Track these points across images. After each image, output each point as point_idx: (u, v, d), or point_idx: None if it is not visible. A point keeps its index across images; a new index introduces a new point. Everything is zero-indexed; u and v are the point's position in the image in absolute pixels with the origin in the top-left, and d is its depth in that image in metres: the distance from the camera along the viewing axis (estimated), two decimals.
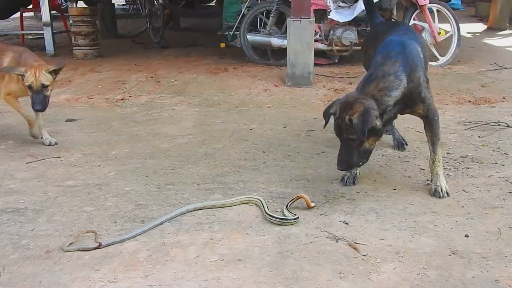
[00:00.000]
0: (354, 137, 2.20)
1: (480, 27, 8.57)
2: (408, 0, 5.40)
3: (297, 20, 4.66)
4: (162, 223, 2.14)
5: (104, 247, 1.96)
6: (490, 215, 2.15)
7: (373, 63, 2.34)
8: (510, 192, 2.37)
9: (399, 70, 2.24)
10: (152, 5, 7.83)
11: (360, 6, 5.21)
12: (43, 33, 6.92)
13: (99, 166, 2.90)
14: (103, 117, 3.97)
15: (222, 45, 7.20)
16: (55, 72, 3.10)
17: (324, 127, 2.41)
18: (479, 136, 3.19)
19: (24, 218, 2.26)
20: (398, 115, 2.43)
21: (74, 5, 7.34)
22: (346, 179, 2.53)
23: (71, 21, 6.81)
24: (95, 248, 1.95)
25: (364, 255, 1.83)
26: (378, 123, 2.18)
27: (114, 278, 1.76)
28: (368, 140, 2.22)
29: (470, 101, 4.09)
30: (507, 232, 2.00)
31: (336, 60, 5.79)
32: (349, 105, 2.20)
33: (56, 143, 3.27)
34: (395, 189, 2.45)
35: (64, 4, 10.04)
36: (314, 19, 4.80)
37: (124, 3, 12.53)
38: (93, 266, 1.84)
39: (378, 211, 2.21)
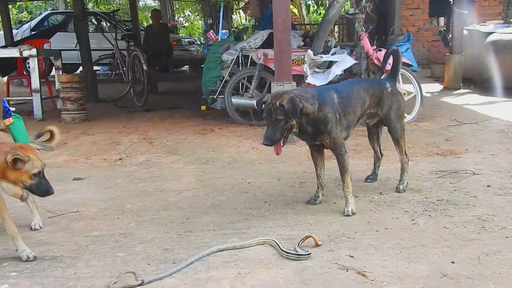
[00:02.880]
0: (281, 118, 2.91)
1: (436, 87, 9.36)
2: (375, 65, 6.02)
3: (280, 85, 5.16)
4: (192, 263, 2.44)
5: (146, 284, 2.25)
6: (469, 246, 2.55)
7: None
8: (483, 227, 2.80)
9: (314, 96, 3.08)
10: (136, 71, 8.27)
11: (334, 72, 5.78)
12: (26, 99, 7.23)
13: (118, 218, 3.19)
14: (108, 176, 4.26)
15: (203, 107, 7.64)
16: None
17: (259, 112, 3.19)
18: (450, 183, 3.65)
19: (63, 264, 2.52)
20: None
21: (60, 73, 7.76)
22: (310, 200, 3.35)
23: (59, 87, 7.17)
24: (138, 285, 2.23)
25: (372, 280, 2.19)
26: (302, 105, 2.95)
27: None
28: (291, 120, 2.95)
29: (438, 153, 4.60)
30: (485, 258, 2.40)
31: None
32: (279, 95, 2.98)
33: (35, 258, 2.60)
34: (386, 228, 2.84)
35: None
36: (295, 83, 5.32)
37: (105, 69, 13.03)
38: None
39: (376, 246, 2.58)
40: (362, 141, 4.94)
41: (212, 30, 18.78)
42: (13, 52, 7.09)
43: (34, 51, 6.94)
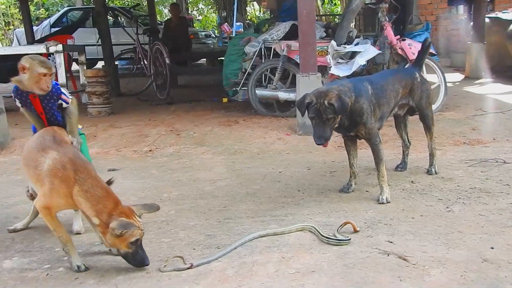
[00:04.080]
0: (331, 116, 2.94)
1: (457, 76, 9.33)
2: (399, 55, 6.04)
3: (305, 76, 5.22)
4: (236, 248, 2.53)
5: (195, 267, 2.34)
6: (506, 232, 2.60)
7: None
8: None
9: (350, 89, 3.10)
10: (159, 65, 8.37)
11: (357, 62, 5.81)
12: None
13: None
14: (141, 166, 4.37)
15: (225, 100, 7.75)
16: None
17: (302, 116, 3.30)
18: (481, 171, 3.68)
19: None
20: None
21: (85, 68, 7.90)
22: (343, 188, 3.40)
23: (84, 82, 7.31)
24: (187, 268, 2.33)
25: (413, 264, 2.26)
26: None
27: None
28: (338, 117, 3.00)
29: (465, 143, 4.63)
30: None
31: None
32: (324, 93, 2.97)
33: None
34: (422, 215, 2.90)
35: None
36: (320, 74, 5.37)
37: (124, 63, 13.17)
38: (192, 281, 2.22)
39: (413, 232, 2.65)
40: (388, 131, 4.98)
41: (226, 23, 18.82)
42: (40, 48, 7.20)
43: (60, 47, 7.06)
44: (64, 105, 2.87)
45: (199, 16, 28.74)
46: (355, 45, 6.07)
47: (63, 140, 2.63)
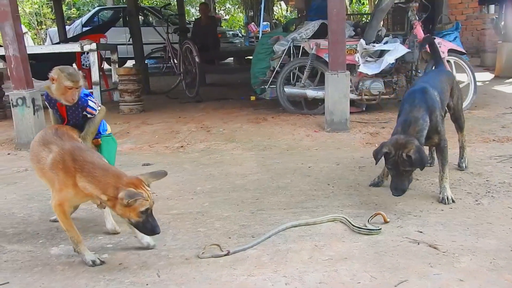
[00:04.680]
0: (409, 169, 2.87)
1: (487, 75, 9.25)
2: (428, 54, 6.04)
3: (334, 74, 5.30)
4: (270, 237, 2.64)
5: (232, 254, 2.46)
6: None
7: (403, 110, 3.10)
8: None
9: (424, 114, 3.00)
10: (188, 63, 8.55)
11: (386, 61, 5.86)
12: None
13: (192, 199, 3.42)
14: (174, 161, 4.52)
15: (253, 98, 7.89)
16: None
17: (376, 164, 3.04)
18: (510, 167, 3.71)
19: (152, 237, 2.76)
20: None
21: (117, 66, 8.12)
22: (373, 182, 3.45)
23: (116, 80, 7.53)
24: (225, 255, 2.45)
25: (444, 252, 2.34)
26: None
27: (251, 274, 2.25)
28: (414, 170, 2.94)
29: (495, 140, 4.64)
30: None
31: (364, 108, 6.41)
32: (402, 145, 2.87)
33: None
34: (451, 208, 2.96)
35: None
36: (349, 72, 5.44)
37: (152, 62, 13.41)
38: (230, 266, 2.34)
39: (443, 223, 2.71)
40: None
41: (253, 23, 18.94)
42: (75, 47, 7.46)
43: (94, 46, 7.29)
44: (89, 116, 2.95)
45: (226, 15, 28.99)
46: (384, 43, 6.12)
47: (65, 133, 2.68)
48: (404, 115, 3.06)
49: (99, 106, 3.01)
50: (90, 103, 2.93)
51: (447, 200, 3.03)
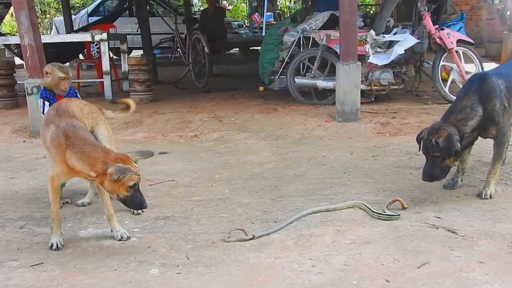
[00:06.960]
0: (438, 155, 2.84)
1: (493, 66, 9.28)
2: (437, 44, 6.11)
3: (345, 64, 5.37)
4: (292, 222, 2.73)
5: (257, 238, 2.55)
6: None
7: (457, 96, 3.05)
8: None
9: (475, 103, 2.89)
10: (197, 54, 8.60)
11: (396, 51, 5.92)
12: (94, 81, 7.75)
13: (212, 186, 3.51)
14: (189, 150, 4.60)
15: (261, 88, 7.94)
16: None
17: (419, 150, 3.01)
18: None
19: (177, 222, 2.86)
20: None
21: (127, 56, 8.19)
22: (447, 184, 3.20)
23: (126, 69, 7.59)
24: (250, 239, 2.54)
25: (462, 236, 2.43)
26: (459, 146, 2.82)
27: (278, 256, 2.35)
28: (449, 159, 2.86)
29: None
30: None
31: (372, 99, 6.48)
32: (435, 130, 2.86)
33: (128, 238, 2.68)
34: (466, 195, 3.05)
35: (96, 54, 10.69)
36: (360, 63, 5.51)
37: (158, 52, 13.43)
38: (257, 249, 2.43)
39: (459, 209, 2.81)
40: (426, 119, 5.10)
41: (257, 13, 18.90)
42: (85, 37, 7.52)
43: (104, 36, 7.34)
44: None
45: (229, 6, 28.91)
46: (393, 34, 6.17)
47: (65, 112, 2.74)
48: (454, 102, 3.03)
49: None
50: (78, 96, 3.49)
51: (486, 196, 2.95)
